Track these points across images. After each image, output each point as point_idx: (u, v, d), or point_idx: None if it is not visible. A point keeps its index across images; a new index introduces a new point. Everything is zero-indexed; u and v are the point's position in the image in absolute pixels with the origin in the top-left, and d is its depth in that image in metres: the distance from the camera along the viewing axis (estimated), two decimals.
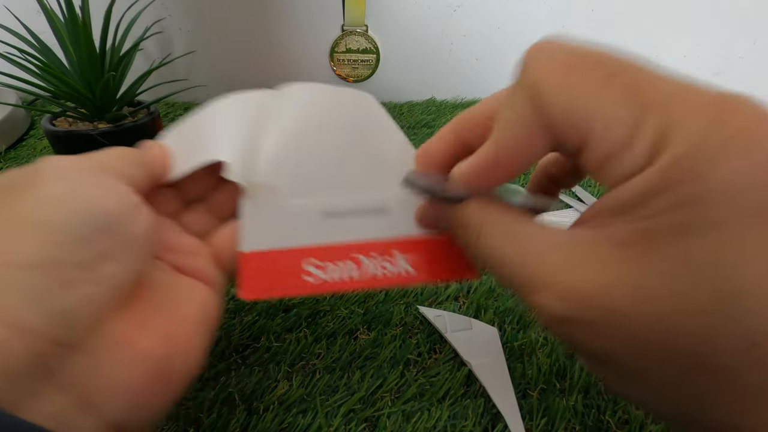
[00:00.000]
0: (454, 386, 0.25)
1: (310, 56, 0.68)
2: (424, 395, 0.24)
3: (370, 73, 0.70)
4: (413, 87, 0.71)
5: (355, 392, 0.24)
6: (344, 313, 0.29)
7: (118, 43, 0.41)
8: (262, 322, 0.29)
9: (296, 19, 0.65)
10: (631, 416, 0.23)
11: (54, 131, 0.38)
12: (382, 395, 0.24)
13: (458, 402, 0.24)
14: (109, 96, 0.39)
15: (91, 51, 0.37)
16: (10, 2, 0.46)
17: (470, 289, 0.31)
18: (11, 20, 0.41)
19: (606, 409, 0.23)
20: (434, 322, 0.28)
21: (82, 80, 0.38)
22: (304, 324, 0.29)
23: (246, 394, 0.24)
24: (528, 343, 0.27)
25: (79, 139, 0.38)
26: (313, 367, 0.26)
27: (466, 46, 0.69)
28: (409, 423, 0.23)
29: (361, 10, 0.65)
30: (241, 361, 0.26)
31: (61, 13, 0.37)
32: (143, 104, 0.44)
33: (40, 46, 0.39)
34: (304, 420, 0.23)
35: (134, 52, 0.41)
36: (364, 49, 0.68)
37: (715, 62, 0.74)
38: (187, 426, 0.23)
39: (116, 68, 0.40)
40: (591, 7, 0.68)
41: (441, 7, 0.66)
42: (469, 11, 0.67)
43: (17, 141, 0.52)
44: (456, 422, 0.23)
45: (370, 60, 0.69)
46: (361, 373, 0.25)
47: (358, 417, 0.23)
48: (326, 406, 0.23)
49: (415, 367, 0.26)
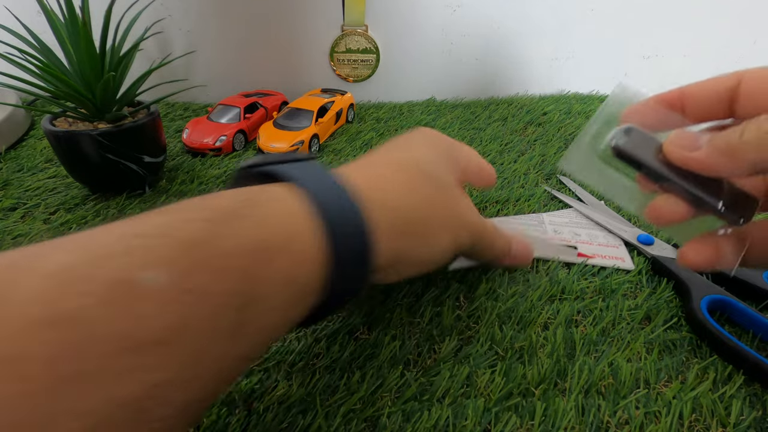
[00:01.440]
0: (454, 386, 0.25)
1: (310, 56, 0.68)
2: (424, 395, 0.24)
3: (370, 73, 0.70)
4: (413, 87, 0.71)
5: (355, 392, 0.24)
6: (344, 313, 0.29)
7: (118, 43, 0.41)
8: None
9: (296, 19, 0.65)
10: (631, 416, 0.23)
11: (54, 131, 0.38)
12: (382, 395, 0.24)
13: (458, 402, 0.24)
14: (109, 96, 0.39)
15: (91, 51, 0.37)
16: (10, 2, 0.46)
17: (470, 289, 0.31)
18: (11, 20, 0.41)
19: (606, 409, 0.23)
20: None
21: (82, 80, 0.38)
22: None
23: (246, 394, 0.24)
24: (528, 343, 0.27)
25: (79, 139, 0.38)
26: (313, 367, 0.26)
27: (466, 46, 0.69)
28: (409, 423, 0.23)
29: (361, 10, 0.65)
30: None
31: (61, 13, 0.37)
32: (143, 104, 0.44)
33: (40, 46, 0.39)
34: (304, 420, 0.23)
35: (134, 53, 0.41)
36: (364, 49, 0.68)
37: (715, 62, 0.74)
38: None
39: (116, 68, 0.40)
40: (591, 7, 0.68)
41: (441, 7, 0.66)
42: (469, 11, 0.67)
43: (17, 141, 0.53)
44: (456, 422, 0.23)
45: (370, 60, 0.69)
46: (361, 373, 0.25)
47: (358, 417, 0.23)
48: (326, 406, 0.23)
49: (415, 367, 0.26)
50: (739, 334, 0.28)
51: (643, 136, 0.21)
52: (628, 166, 0.21)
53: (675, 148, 0.19)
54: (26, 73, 0.37)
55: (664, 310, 0.30)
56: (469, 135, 0.57)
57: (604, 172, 0.22)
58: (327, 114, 0.55)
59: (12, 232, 0.37)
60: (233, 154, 0.51)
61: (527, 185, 0.45)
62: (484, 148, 0.53)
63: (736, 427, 0.22)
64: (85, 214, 0.39)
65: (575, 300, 0.31)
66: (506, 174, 0.47)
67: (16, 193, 0.42)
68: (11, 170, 0.46)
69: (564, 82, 0.73)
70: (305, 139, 0.50)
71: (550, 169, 0.48)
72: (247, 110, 0.55)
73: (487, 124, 0.60)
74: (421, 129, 0.29)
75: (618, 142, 0.21)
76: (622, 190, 0.22)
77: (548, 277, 0.32)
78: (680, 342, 0.27)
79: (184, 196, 0.42)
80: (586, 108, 0.65)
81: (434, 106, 0.67)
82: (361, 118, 0.63)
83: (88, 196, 0.42)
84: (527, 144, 0.54)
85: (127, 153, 0.40)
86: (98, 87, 0.38)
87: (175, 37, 0.65)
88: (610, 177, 0.22)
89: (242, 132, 0.53)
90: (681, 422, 0.23)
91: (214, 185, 0.44)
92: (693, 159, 0.19)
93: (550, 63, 0.72)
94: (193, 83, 0.65)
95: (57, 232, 0.37)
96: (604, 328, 0.28)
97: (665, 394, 0.24)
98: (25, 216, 0.39)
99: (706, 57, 0.73)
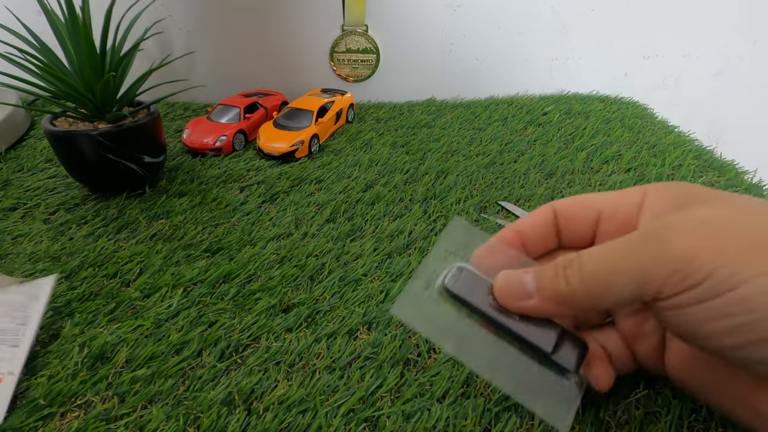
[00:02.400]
0: (454, 386, 0.25)
1: (310, 56, 0.68)
2: (424, 395, 0.24)
3: (370, 73, 0.70)
4: (413, 87, 0.71)
5: (355, 392, 0.24)
6: (344, 313, 0.30)
7: (118, 43, 0.41)
8: (262, 322, 0.29)
9: (296, 19, 0.65)
10: (631, 416, 0.23)
11: (54, 131, 0.38)
12: (382, 395, 0.24)
13: (458, 402, 0.24)
14: (109, 96, 0.39)
15: (91, 51, 0.37)
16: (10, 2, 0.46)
17: None
18: (11, 20, 0.41)
19: (606, 409, 0.23)
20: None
21: (82, 80, 0.38)
22: (304, 324, 0.29)
23: (246, 394, 0.24)
24: None
25: (79, 139, 0.38)
26: (313, 367, 0.26)
27: (466, 46, 0.69)
28: (409, 423, 0.23)
29: (361, 10, 0.65)
30: (241, 361, 0.26)
31: (62, 13, 0.37)
32: (143, 104, 0.44)
33: (41, 46, 0.39)
34: (304, 420, 0.23)
35: (134, 53, 0.41)
36: (364, 49, 0.68)
37: (715, 62, 0.74)
38: (187, 426, 0.23)
39: (116, 68, 0.40)
40: (591, 7, 0.68)
41: (441, 7, 0.66)
42: (469, 11, 0.67)
43: (17, 141, 0.53)
44: (456, 422, 0.23)
45: (370, 60, 0.69)
46: (361, 373, 0.25)
47: (358, 417, 0.23)
48: (326, 406, 0.23)
49: (415, 367, 0.26)
50: None
51: (473, 278, 0.21)
52: (463, 309, 0.21)
53: (506, 297, 0.20)
54: (26, 73, 0.37)
55: None
56: (469, 135, 0.57)
57: (439, 313, 0.22)
58: (327, 114, 0.55)
59: (12, 232, 0.37)
60: (233, 154, 0.51)
61: (527, 185, 0.45)
62: (484, 148, 0.53)
63: (736, 428, 0.22)
64: (85, 214, 0.39)
65: None
66: (506, 174, 0.47)
67: (16, 193, 0.42)
68: (11, 170, 0.46)
69: (564, 82, 0.73)
70: (305, 139, 0.50)
71: (550, 169, 0.48)
72: (247, 110, 0.55)
73: (487, 124, 0.60)
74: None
75: (448, 284, 0.21)
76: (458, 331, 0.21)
77: None
78: None
79: (184, 196, 0.42)
80: (586, 108, 0.65)
81: (434, 106, 0.67)
82: (361, 118, 0.63)
83: (88, 196, 0.42)
84: (527, 144, 0.55)
85: (127, 153, 0.40)
86: (98, 87, 0.38)
87: (175, 37, 0.65)
88: (446, 321, 0.21)
89: (242, 132, 0.53)
90: (681, 422, 0.23)
91: (214, 185, 0.44)
92: (526, 308, 0.20)
93: (550, 63, 0.72)
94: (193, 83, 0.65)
95: (57, 232, 0.37)
96: None
97: (665, 394, 0.24)
98: (25, 216, 0.39)
99: (706, 57, 0.73)
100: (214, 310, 0.30)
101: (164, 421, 0.23)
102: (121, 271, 0.33)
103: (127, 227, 0.38)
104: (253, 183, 0.45)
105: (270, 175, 0.47)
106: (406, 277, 0.33)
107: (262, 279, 0.32)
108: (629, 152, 0.51)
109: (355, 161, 0.50)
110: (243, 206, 0.41)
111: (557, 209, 0.22)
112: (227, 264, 0.33)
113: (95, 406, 0.23)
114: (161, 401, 0.24)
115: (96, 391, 0.24)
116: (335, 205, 0.41)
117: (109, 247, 0.35)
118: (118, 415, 0.23)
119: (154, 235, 0.37)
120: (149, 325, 0.28)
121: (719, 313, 0.16)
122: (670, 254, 0.17)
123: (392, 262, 0.34)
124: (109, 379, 0.25)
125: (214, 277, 0.32)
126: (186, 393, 0.24)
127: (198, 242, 0.36)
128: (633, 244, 0.18)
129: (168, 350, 0.27)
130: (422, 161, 0.50)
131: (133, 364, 0.26)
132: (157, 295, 0.31)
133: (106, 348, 0.26)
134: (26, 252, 0.34)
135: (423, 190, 0.44)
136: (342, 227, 0.38)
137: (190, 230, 0.37)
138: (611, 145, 0.53)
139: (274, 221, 0.39)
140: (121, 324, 0.28)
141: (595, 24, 0.69)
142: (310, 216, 0.40)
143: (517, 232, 0.23)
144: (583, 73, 0.73)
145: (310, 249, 0.35)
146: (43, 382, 0.24)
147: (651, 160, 0.50)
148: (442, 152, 0.52)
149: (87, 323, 0.28)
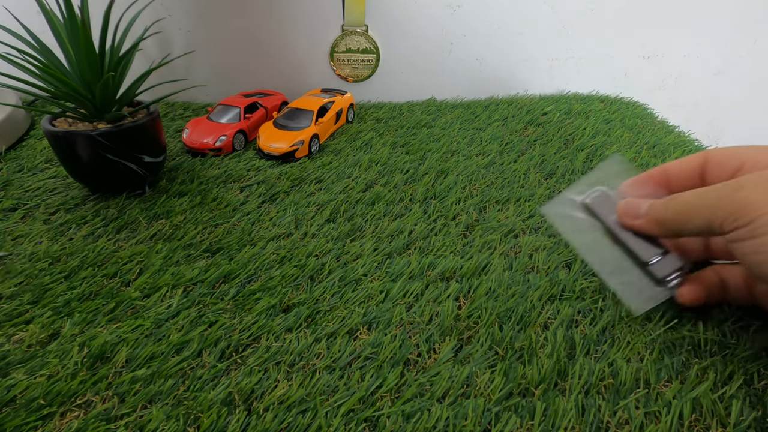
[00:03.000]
0: (454, 386, 0.25)
1: (310, 56, 0.68)
2: (424, 395, 0.24)
3: (370, 73, 0.70)
4: (413, 87, 0.71)
5: (355, 392, 0.24)
6: (344, 313, 0.29)
7: (117, 43, 0.41)
8: (262, 322, 0.29)
9: (296, 19, 0.65)
10: (631, 416, 0.23)
11: (54, 131, 0.38)
12: (382, 395, 0.24)
13: (458, 402, 0.24)
14: (109, 96, 0.39)
15: (90, 51, 0.37)
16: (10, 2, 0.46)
17: (470, 289, 0.31)
18: (11, 20, 0.41)
19: (606, 409, 0.23)
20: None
21: (81, 80, 0.38)
22: (304, 324, 0.29)
23: (246, 394, 0.24)
24: (528, 343, 0.27)
25: (78, 139, 0.38)
26: (313, 367, 0.26)
27: (466, 46, 0.69)
28: (409, 423, 0.23)
29: (361, 10, 0.65)
30: (241, 361, 0.26)
31: (61, 13, 0.37)
32: (143, 104, 0.44)
33: (40, 46, 0.39)
34: (304, 420, 0.23)
35: (134, 52, 0.41)
36: (364, 49, 0.68)
37: (715, 62, 0.74)
38: (187, 426, 0.23)
39: (116, 68, 0.40)
40: (591, 7, 0.68)
41: (441, 7, 0.66)
42: (469, 11, 0.67)
43: (17, 141, 0.53)
44: (456, 422, 0.23)
45: (370, 60, 0.69)
46: (361, 373, 0.25)
47: (358, 417, 0.23)
48: (326, 406, 0.23)
49: (415, 367, 0.26)
50: None
51: (609, 199, 0.30)
52: (595, 220, 0.30)
53: (624, 215, 0.28)
54: (26, 73, 0.37)
55: (663, 310, 0.30)
56: (469, 135, 0.57)
57: (574, 219, 0.31)
58: (327, 114, 0.55)
59: (12, 232, 0.37)
60: (233, 154, 0.51)
61: (527, 185, 0.45)
62: (484, 148, 0.53)
63: (736, 428, 0.22)
64: (85, 214, 0.39)
65: (575, 300, 0.31)
66: (506, 174, 0.47)
67: (16, 193, 0.42)
68: (11, 170, 0.46)
69: (564, 82, 0.73)
70: (305, 139, 0.50)
71: (550, 169, 0.48)
72: (247, 110, 0.55)
73: (487, 124, 0.60)
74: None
75: (587, 200, 0.30)
76: (587, 238, 0.30)
77: (548, 277, 0.32)
78: (680, 342, 0.27)
79: (184, 196, 0.42)
80: (586, 108, 0.65)
81: (434, 106, 0.67)
82: (361, 118, 0.63)
83: (88, 196, 0.42)
84: (527, 144, 0.54)
85: (127, 153, 0.40)
86: (98, 87, 0.38)
87: (175, 36, 0.65)
88: (578, 224, 0.30)
89: (242, 132, 0.53)
90: (681, 422, 0.23)
91: (214, 185, 0.44)
92: (636, 225, 0.28)
93: (550, 63, 0.72)
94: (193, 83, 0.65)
95: (57, 232, 0.37)
96: (604, 328, 0.28)
97: (665, 394, 0.24)
98: (25, 216, 0.39)
99: (706, 57, 0.73)
100: (214, 310, 0.30)
101: (164, 421, 0.23)
102: (121, 271, 0.33)
103: (127, 227, 0.38)
104: (253, 183, 0.45)
105: (270, 175, 0.47)
106: (407, 277, 0.33)
107: (262, 279, 0.32)
108: (629, 152, 0.51)
109: (355, 161, 0.50)
110: (243, 206, 0.41)
111: (710, 155, 0.26)
112: (227, 264, 0.33)
113: (95, 406, 0.23)
114: (161, 401, 0.24)
115: (96, 390, 0.24)
116: (335, 205, 0.41)
117: (109, 247, 0.35)
118: (118, 415, 0.23)
119: (154, 235, 0.37)
120: (149, 325, 0.28)
121: (760, 249, 0.21)
122: (734, 200, 0.22)
123: (392, 262, 0.34)
124: (108, 378, 0.25)
125: (214, 277, 0.32)
126: (186, 393, 0.24)
127: (198, 242, 0.36)
128: (717, 188, 0.23)
129: (168, 350, 0.27)
130: (422, 161, 0.50)
131: (133, 364, 0.26)
132: (157, 295, 0.31)
133: (106, 348, 0.26)
134: (26, 252, 0.34)
135: (423, 190, 0.44)
136: (342, 227, 0.38)
137: (190, 230, 0.37)
138: (611, 145, 0.53)
139: (274, 221, 0.39)
140: (120, 324, 0.28)
141: (595, 24, 0.69)
142: (310, 216, 0.40)
143: (665, 170, 0.28)
144: (583, 73, 0.73)
145: (310, 249, 0.35)
146: (43, 381, 0.24)
147: (651, 161, 0.50)
148: (442, 152, 0.52)
149: (87, 323, 0.28)
